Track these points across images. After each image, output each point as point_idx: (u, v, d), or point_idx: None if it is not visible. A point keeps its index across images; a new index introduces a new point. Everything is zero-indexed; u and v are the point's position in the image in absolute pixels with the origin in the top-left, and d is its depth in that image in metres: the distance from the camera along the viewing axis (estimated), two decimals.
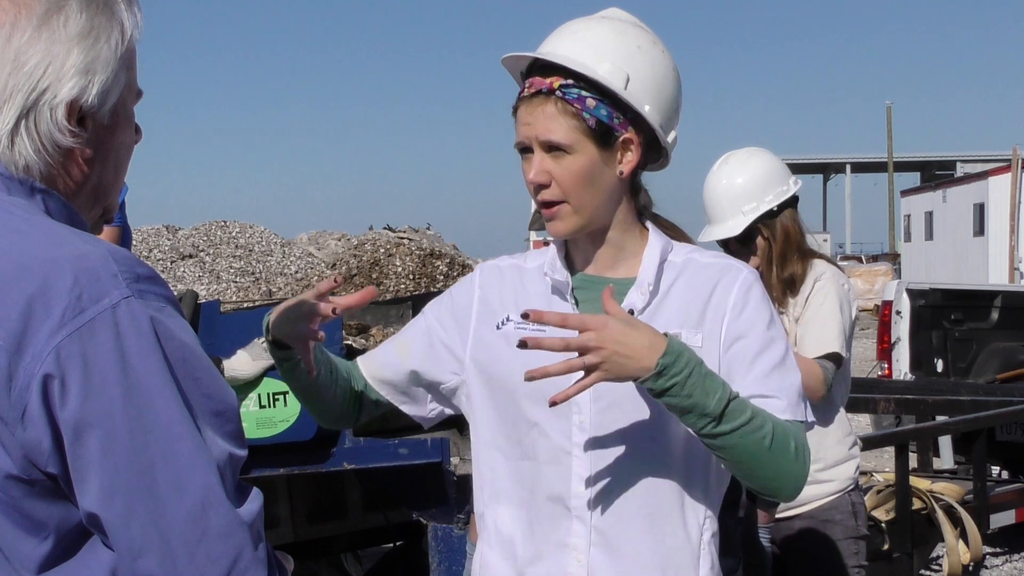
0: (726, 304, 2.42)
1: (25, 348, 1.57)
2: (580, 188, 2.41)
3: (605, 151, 2.41)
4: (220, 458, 1.63)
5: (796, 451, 2.32)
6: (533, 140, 2.41)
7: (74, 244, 1.65)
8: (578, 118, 2.38)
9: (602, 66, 2.40)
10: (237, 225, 7.38)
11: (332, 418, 2.74)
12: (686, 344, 2.28)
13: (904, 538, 5.94)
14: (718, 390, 2.24)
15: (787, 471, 2.33)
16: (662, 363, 2.21)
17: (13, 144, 1.72)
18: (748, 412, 2.27)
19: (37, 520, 1.63)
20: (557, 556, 2.44)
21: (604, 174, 2.42)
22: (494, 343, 2.52)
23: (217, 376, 1.70)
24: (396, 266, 6.58)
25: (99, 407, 1.57)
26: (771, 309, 2.45)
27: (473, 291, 2.60)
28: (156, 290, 1.66)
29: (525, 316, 2.28)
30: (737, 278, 2.44)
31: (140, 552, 1.58)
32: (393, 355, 2.68)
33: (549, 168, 2.41)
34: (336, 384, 2.64)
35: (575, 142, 2.38)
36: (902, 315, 9.89)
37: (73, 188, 1.80)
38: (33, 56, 1.71)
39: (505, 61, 2.51)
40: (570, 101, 2.38)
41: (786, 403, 2.36)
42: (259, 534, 1.66)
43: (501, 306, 2.55)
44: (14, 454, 1.59)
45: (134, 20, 1.82)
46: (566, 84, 2.39)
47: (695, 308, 2.43)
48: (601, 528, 2.41)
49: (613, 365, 2.22)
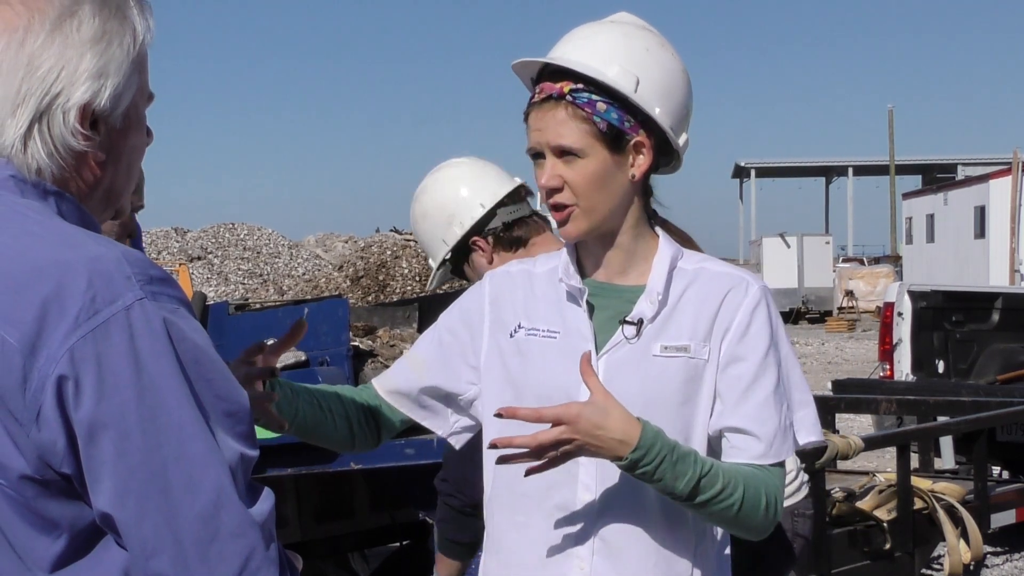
0: (731, 321, 2.42)
1: (40, 349, 1.58)
2: (592, 191, 2.41)
3: (617, 154, 2.41)
4: (232, 458, 1.65)
5: (767, 507, 2.38)
6: (545, 145, 2.42)
7: (88, 246, 1.66)
8: (589, 122, 2.39)
9: (611, 69, 2.40)
10: (245, 227, 7.44)
11: (346, 446, 2.68)
12: (660, 432, 2.30)
13: (906, 537, 5.95)
14: (688, 472, 2.29)
15: (754, 527, 2.39)
16: (632, 457, 2.26)
17: (26, 148, 1.73)
18: (719, 485, 2.32)
19: (50, 519, 1.64)
20: (560, 564, 2.44)
21: (616, 177, 2.43)
22: (507, 351, 2.52)
23: (229, 377, 1.71)
24: (403, 268, 6.61)
25: (113, 408, 1.58)
26: (774, 329, 2.45)
27: (483, 299, 2.59)
28: (169, 292, 1.67)
29: (498, 415, 2.31)
30: (747, 294, 2.44)
31: (153, 552, 1.59)
32: (408, 370, 2.65)
33: (561, 172, 2.41)
34: (331, 415, 2.58)
35: (587, 146, 2.39)
36: (904, 317, 9.92)
37: (85, 191, 1.80)
38: (46, 60, 1.72)
39: (515, 67, 2.52)
40: (580, 105, 2.38)
41: (764, 447, 2.40)
42: (271, 534, 1.67)
43: (513, 314, 2.54)
44: (28, 455, 1.60)
45: (146, 24, 1.83)
46: (576, 88, 2.39)
47: (705, 320, 2.43)
48: (605, 536, 2.42)
49: (583, 452, 2.28)
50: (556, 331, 2.47)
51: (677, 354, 2.41)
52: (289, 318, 4.33)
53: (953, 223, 35.63)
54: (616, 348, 2.44)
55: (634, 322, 2.43)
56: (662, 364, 2.41)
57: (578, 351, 2.40)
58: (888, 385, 9.32)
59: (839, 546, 5.69)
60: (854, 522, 5.86)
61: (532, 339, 2.48)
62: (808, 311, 43.39)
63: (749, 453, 2.40)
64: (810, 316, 43.19)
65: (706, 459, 2.33)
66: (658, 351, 2.42)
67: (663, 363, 2.41)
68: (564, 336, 2.45)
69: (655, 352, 2.42)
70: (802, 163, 79.04)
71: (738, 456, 2.40)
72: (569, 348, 2.44)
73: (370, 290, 9.06)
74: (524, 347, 2.48)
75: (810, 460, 5.55)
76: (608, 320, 2.46)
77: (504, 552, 2.53)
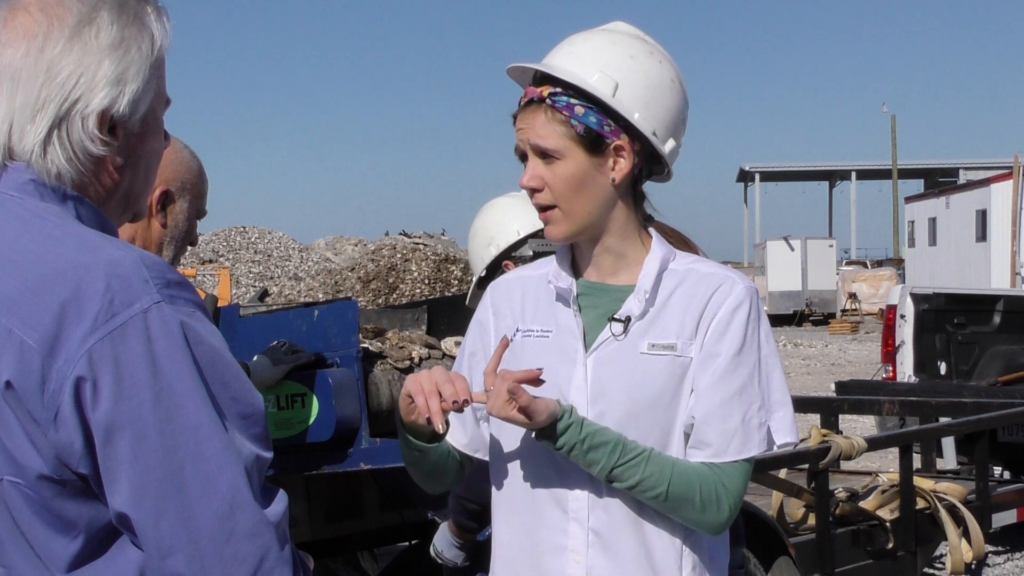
0: (712, 319, 2.46)
1: (58, 351, 1.60)
2: (570, 193, 2.45)
3: (595, 157, 2.45)
4: (247, 460, 1.66)
5: (702, 503, 2.42)
6: (526, 145, 2.47)
7: (106, 250, 1.68)
8: (567, 125, 2.43)
9: (592, 75, 2.44)
10: (256, 231, 7.46)
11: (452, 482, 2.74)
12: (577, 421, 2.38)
13: (908, 537, 5.97)
14: (600, 461, 2.38)
15: (692, 519, 2.45)
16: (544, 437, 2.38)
17: (46, 153, 1.74)
18: (638, 476, 2.38)
19: (67, 519, 1.66)
20: (556, 558, 2.48)
21: (595, 180, 2.46)
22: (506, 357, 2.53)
23: (244, 380, 1.73)
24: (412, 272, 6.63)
25: (130, 409, 1.60)
26: (754, 329, 2.48)
27: (488, 312, 2.65)
28: (186, 295, 1.69)
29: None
30: (730, 293, 2.48)
31: (169, 551, 1.61)
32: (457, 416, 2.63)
33: (541, 173, 2.46)
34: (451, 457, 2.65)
35: (564, 148, 2.43)
36: (906, 319, 9.94)
37: (104, 195, 1.82)
38: (66, 67, 1.74)
39: (511, 72, 2.57)
40: (559, 108, 2.43)
41: (720, 445, 2.44)
42: (285, 534, 1.68)
43: (512, 319, 2.59)
44: (46, 455, 1.62)
45: (163, 30, 1.85)
46: (555, 92, 2.44)
47: (691, 319, 2.47)
48: (597, 530, 2.45)
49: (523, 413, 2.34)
50: (549, 330, 2.52)
51: (664, 352, 2.45)
52: (300, 320, 4.34)
53: (955, 226, 35.60)
54: (604, 345, 2.47)
55: (621, 319, 2.47)
56: (648, 361, 2.45)
57: (569, 349, 2.47)
58: (891, 387, 9.34)
59: (842, 545, 5.72)
60: (857, 521, 5.89)
61: (527, 340, 2.54)
62: (812, 313, 43.39)
63: (704, 452, 2.44)
64: (814, 318, 43.20)
65: (635, 450, 2.39)
66: (645, 349, 2.46)
67: (649, 360, 2.45)
68: (556, 335, 2.50)
69: (642, 350, 2.46)
70: (806, 167, 79.18)
71: (693, 455, 2.45)
72: (561, 347, 2.49)
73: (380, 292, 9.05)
74: (520, 349, 2.53)
75: (814, 460, 5.58)
76: (598, 318, 2.51)
77: (501, 547, 2.57)
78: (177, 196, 3.15)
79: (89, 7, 1.77)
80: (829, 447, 5.57)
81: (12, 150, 1.75)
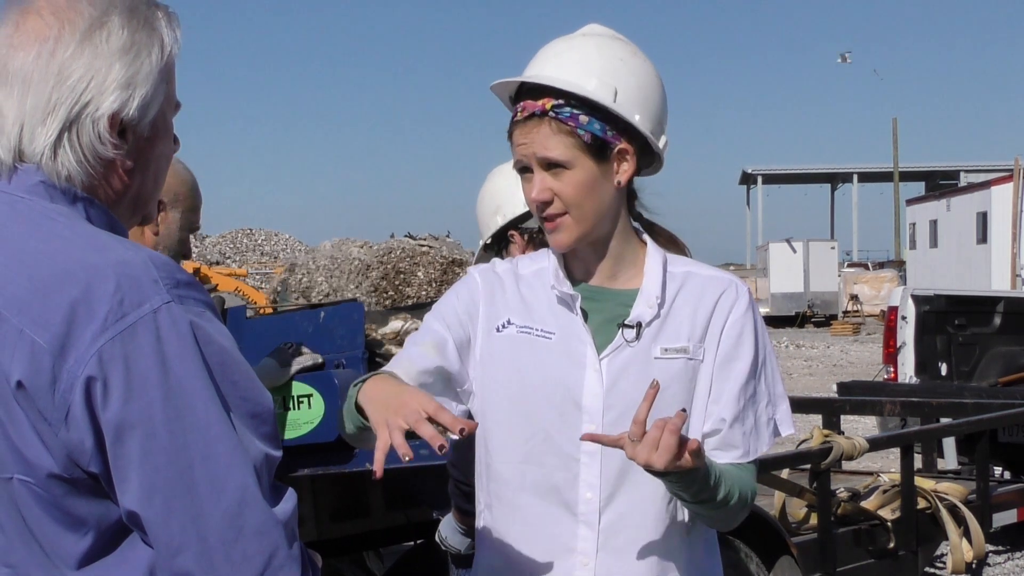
0: (723, 323, 2.50)
1: (68, 351, 1.61)
2: (582, 200, 2.45)
3: (602, 164, 2.46)
4: (257, 459, 1.68)
5: (745, 505, 2.48)
6: (532, 158, 2.46)
7: (116, 250, 1.69)
8: (573, 135, 2.43)
9: (590, 83, 2.45)
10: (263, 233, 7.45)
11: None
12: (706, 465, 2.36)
13: (909, 536, 5.97)
14: (705, 491, 2.36)
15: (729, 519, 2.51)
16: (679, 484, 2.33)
17: (56, 155, 1.75)
18: (723, 490, 2.40)
19: (77, 517, 1.67)
20: (563, 560, 2.48)
21: (603, 185, 2.47)
22: (499, 345, 2.53)
23: (254, 379, 1.74)
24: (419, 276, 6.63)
25: (140, 408, 1.61)
26: (759, 332, 2.53)
27: (477, 292, 2.58)
28: (195, 295, 1.70)
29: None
30: (739, 298, 2.52)
31: (178, 549, 1.62)
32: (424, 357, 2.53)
33: (550, 185, 2.45)
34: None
35: (573, 158, 2.43)
36: (907, 320, 9.95)
37: (114, 198, 1.83)
38: (76, 70, 1.75)
39: (494, 88, 2.55)
40: (564, 120, 2.42)
41: (746, 447, 2.49)
42: (293, 533, 1.69)
43: (505, 308, 2.56)
44: (57, 453, 1.63)
45: (173, 35, 1.86)
46: (558, 104, 2.43)
47: (700, 322, 2.49)
48: (608, 533, 2.46)
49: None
50: (552, 332, 2.50)
51: (677, 355, 2.47)
52: (306, 321, 4.35)
53: (956, 229, 35.59)
54: (618, 351, 2.47)
55: (632, 325, 2.48)
56: (664, 366, 2.46)
57: (576, 354, 2.46)
58: (892, 387, 9.34)
59: (844, 545, 5.72)
60: (859, 521, 5.89)
61: (525, 336, 2.51)
62: (814, 315, 43.37)
63: (731, 454, 2.48)
64: (816, 320, 43.18)
65: (711, 464, 2.39)
66: (659, 353, 2.47)
67: (665, 365, 2.46)
68: (561, 338, 2.49)
69: (656, 354, 2.47)
70: (808, 170, 79.08)
71: (720, 456, 2.47)
72: (568, 350, 2.48)
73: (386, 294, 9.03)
74: (519, 343, 2.51)
75: (816, 461, 5.60)
76: (603, 324, 2.50)
77: (509, 549, 2.55)
78: (169, 207, 3.18)
79: (100, 11, 1.78)
80: (831, 447, 5.58)
81: (23, 152, 1.76)
